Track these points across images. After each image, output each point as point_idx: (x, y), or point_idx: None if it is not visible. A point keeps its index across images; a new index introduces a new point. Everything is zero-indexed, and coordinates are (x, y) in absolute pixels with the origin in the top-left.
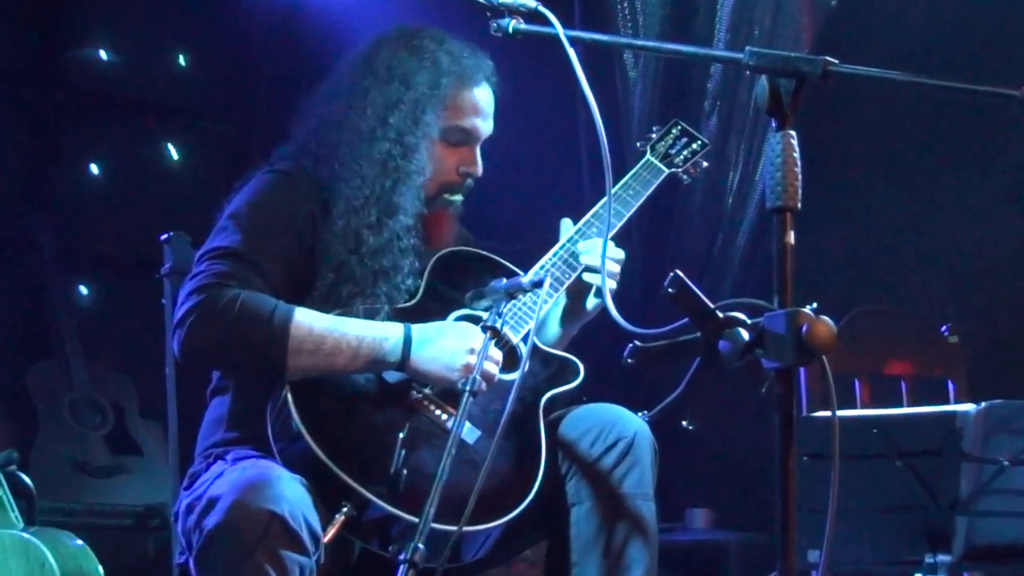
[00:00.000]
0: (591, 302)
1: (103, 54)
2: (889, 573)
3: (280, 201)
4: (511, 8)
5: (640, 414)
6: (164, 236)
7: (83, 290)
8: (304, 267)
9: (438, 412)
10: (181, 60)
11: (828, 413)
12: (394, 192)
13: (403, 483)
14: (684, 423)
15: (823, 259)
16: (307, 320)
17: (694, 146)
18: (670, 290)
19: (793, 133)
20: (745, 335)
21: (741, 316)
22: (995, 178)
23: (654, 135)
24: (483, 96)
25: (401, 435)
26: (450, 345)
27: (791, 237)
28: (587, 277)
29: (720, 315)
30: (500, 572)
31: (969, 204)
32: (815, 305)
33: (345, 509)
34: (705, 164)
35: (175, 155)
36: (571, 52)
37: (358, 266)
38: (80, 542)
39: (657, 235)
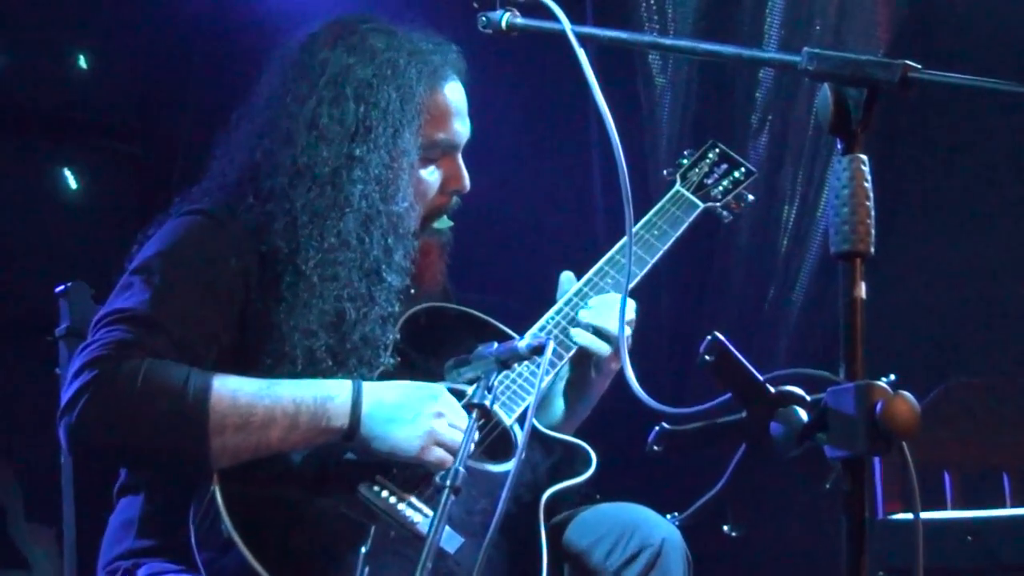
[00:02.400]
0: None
1: None
2: None
3: (203, 252)
4: None
5: (669, 517)
6: (59, 287)
7: None
8: (232, 337)
9: (408, 512)
10: (81, 62)
11: (909, 515)
12: (383, 249)
13: None
14: (726, 528)
15: (903, 317)
16: (229, 388)
17: (736, 174)
18: (708, 358)
19: (864, 158)
20: (803, 415)
21: (798, 391)
22: None
23: (686, 160)
24: (456, 94)
25: (364, 549)
26: (412, 406)
27: (862, 289)
28: (580, 338)
29: (771, 390)
30: None
31: None
32: (893, 377)
33: None
34: (751, 197)
35: (74, 183)
36: (581, 54)
37: (334, 347)
38: None
39: (691, 288)
